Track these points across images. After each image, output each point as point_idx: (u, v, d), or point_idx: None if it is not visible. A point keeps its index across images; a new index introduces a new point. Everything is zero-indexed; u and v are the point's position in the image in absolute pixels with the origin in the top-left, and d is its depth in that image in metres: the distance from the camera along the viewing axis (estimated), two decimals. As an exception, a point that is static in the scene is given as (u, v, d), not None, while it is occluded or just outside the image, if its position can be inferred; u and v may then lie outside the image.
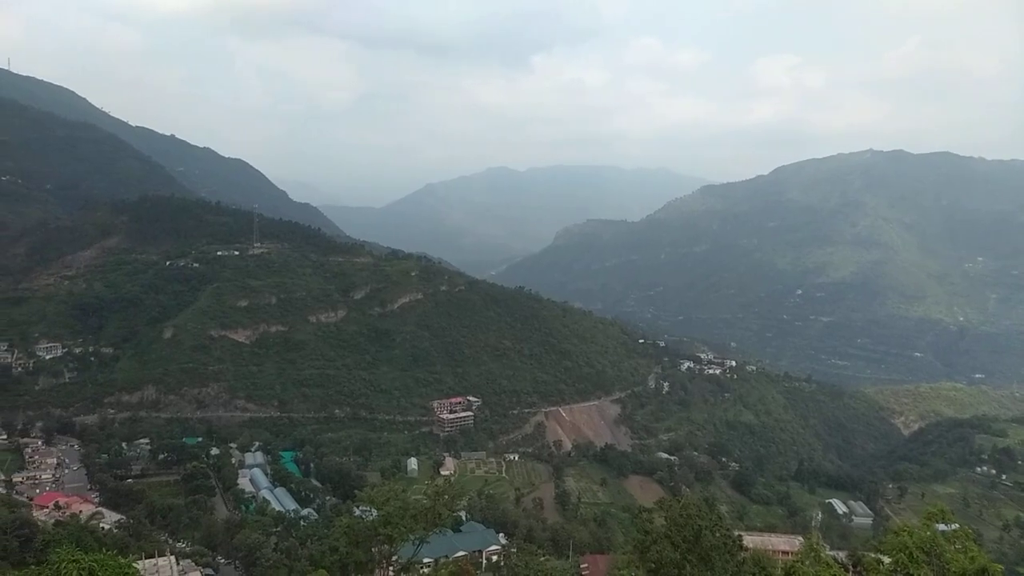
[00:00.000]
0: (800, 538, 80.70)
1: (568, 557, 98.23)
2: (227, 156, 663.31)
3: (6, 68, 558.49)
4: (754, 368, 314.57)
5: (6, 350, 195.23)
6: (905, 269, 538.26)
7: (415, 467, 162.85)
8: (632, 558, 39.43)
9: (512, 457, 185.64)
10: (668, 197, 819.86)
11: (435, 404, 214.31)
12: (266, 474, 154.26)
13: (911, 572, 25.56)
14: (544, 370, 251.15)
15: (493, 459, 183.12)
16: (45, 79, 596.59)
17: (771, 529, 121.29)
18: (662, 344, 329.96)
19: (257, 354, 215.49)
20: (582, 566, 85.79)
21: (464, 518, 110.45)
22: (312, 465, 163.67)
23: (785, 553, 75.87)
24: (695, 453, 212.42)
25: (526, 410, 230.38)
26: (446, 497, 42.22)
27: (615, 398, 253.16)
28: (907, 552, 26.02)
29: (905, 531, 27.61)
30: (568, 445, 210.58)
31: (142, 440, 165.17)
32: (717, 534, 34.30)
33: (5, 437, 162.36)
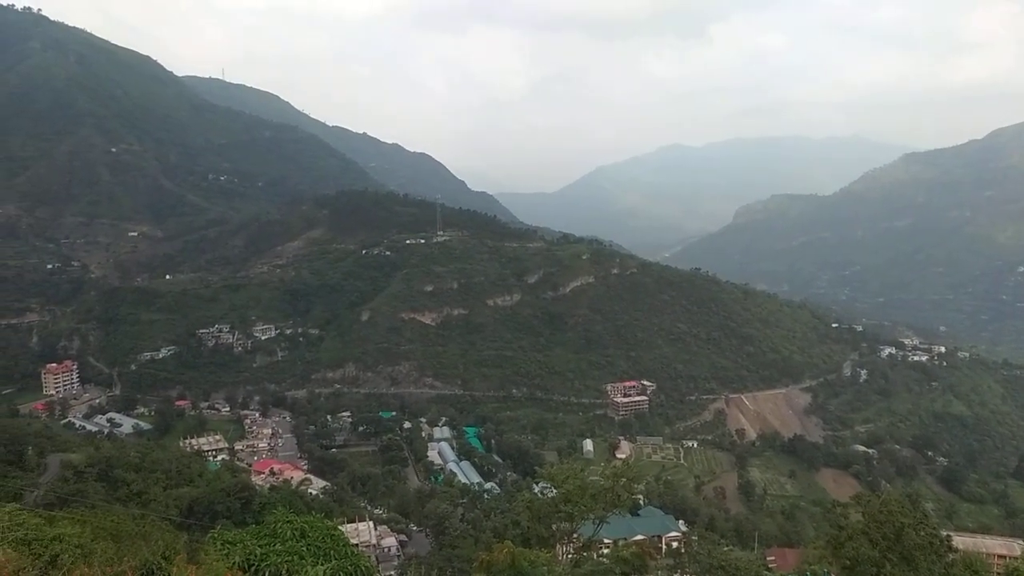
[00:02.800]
0: (1021, 541, 71.77)
1: (753, 549, 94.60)
2: (412, 151, 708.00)
3: (220, 78, 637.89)
4: (967, 354, 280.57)
5: (228, 331, 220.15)
6: None
7: (591, 449, 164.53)
8: (824, 553, 37.42)
9: (690, 444, 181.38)
10: (864, 167, 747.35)
11: (608, 387, 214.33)
12: (452, 448, 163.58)
13: None
14: (724, 355, 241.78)
15: (670, 445, 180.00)
16: (253, 86, 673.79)
17: (985, 530, 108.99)
18: (859, 329, 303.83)
19: (442, 335, 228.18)
20: (768, 558, 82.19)
21: (642, 502, 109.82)
22: (493, 441, 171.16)
23: (1002, 557, 68.20)
24: (897, 447, 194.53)
25: (704, 396, 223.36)
26: (624, 480, 42.07)
27: (805, 386, 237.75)
28: None
29: None
30: (752, 434, 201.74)
31: (344, 413, 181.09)
32: (922, 533, 31.42)
33: (228, 409, 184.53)
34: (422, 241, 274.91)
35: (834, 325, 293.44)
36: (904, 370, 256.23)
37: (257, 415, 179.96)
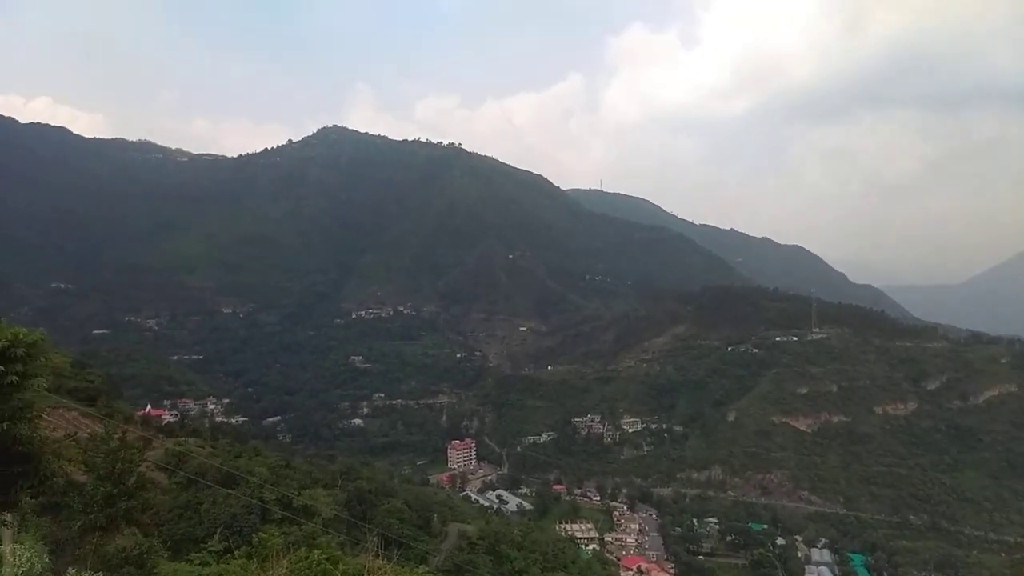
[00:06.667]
0: None
1: None
2: (783, 243, 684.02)
3: (599, 188, 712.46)
4: None
5: (599, 422, 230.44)
6: None
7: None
8: None
9: None
10: None
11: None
12: (834, 575, 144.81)
13: None
14: None
15: None
16: (627, 193, 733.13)
17: None
18: None
19: (819, 444, 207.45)
20: None
21: None
22: (885, 574, 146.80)
23: None
24: None
25: None
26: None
27: None
28: None
29: None
30: None
31: (711, 519, 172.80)
32: None
33: (598, 498, 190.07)
34: (795, 338, 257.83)
35: None
36: None
37: (625, 508, 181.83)
